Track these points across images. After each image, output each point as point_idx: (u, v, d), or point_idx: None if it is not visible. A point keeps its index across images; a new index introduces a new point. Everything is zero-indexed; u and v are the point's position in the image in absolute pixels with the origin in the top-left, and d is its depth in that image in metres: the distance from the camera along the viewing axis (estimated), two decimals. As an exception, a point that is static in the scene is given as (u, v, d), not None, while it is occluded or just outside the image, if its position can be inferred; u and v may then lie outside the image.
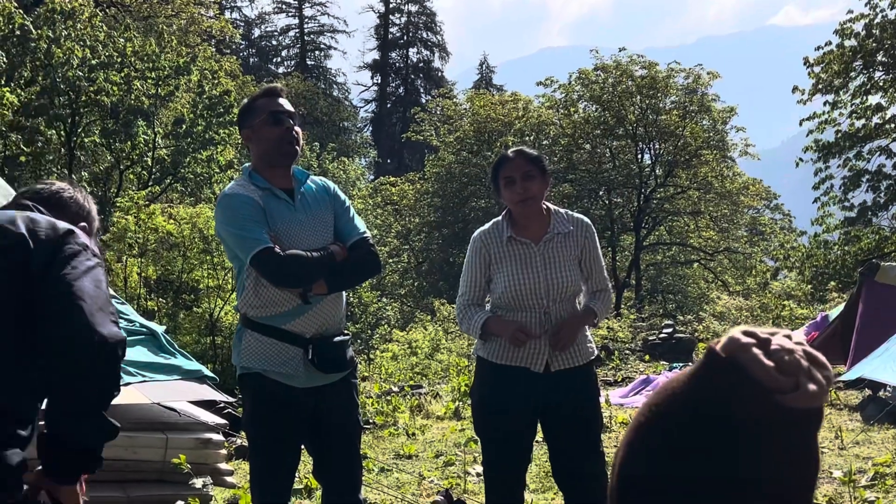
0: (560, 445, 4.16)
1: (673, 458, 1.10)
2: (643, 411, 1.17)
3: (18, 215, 2.57)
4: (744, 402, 1.08)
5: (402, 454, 7.92)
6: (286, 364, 3.74)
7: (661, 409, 1.13)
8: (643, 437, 1.14)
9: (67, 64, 21.87)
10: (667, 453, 1.10)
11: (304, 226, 3.79)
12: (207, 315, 18.09)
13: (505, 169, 4.09)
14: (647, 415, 1.14)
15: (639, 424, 1.15)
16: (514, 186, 4.05)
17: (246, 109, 3.90)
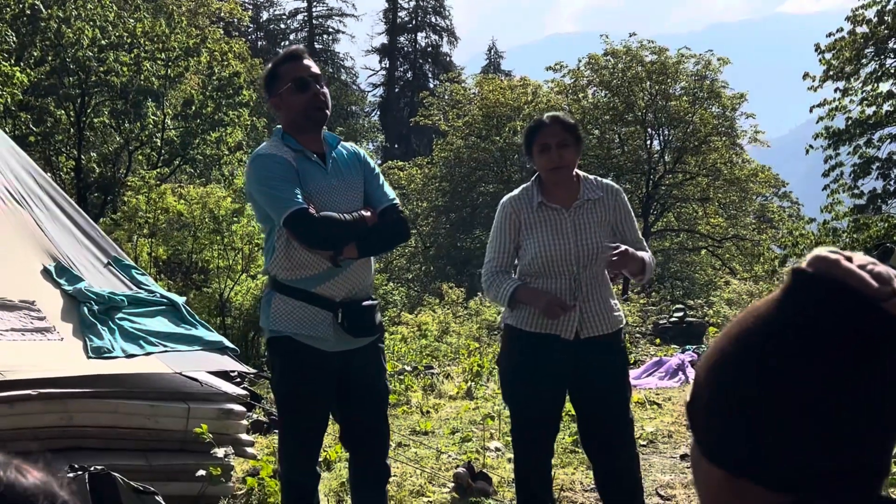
0: (589, 412, 4.16)
1: (778, 380, 1.07)
2: (730, 336, 1.15)
3: None
4: (846, 317, 1.06)
5: (419, 430, 7.93)
6: (316, 327, 3.74)
7: (752, 335, 1.11)
8: (732, 363, 1.11)
9: (77, 44, 21.84)
10: (772, 375, 1.07)
11: (335, 190, 3.78)
12: (217, 295, 18.09)
13: (541, 135, 4.07)
14: (737, 339, 1.13)
15: (723, 352, 1.14)
16: (550, 153, 4.02)
17: (270, 77, 3.86)
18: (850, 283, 1.07)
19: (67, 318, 5.42)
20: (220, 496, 5.54)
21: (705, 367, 1.16)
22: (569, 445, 6.85)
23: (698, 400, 1.15)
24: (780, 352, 1.07)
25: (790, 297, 1.11)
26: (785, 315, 1.10)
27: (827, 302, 1.07)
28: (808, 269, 1.10)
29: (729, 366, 1.11)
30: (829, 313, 1.07)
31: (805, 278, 1.10)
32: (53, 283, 5.63)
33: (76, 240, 6.19)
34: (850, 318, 1.06)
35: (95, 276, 5.93)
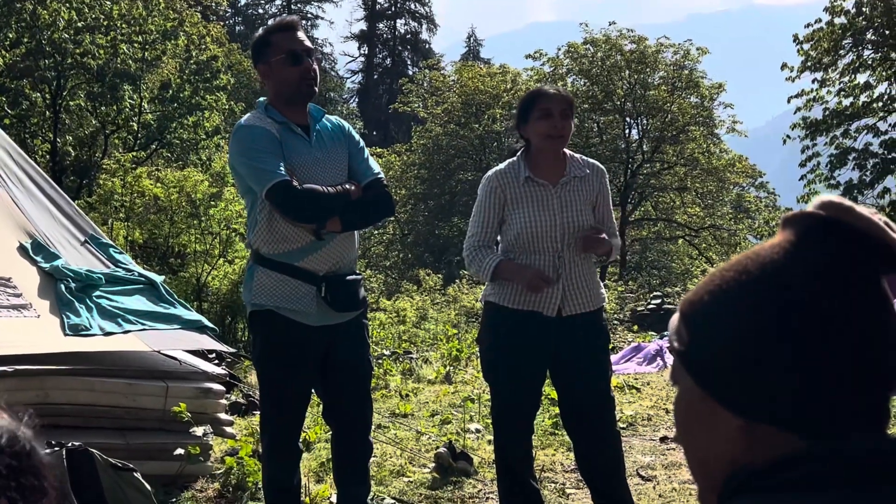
0: (570, 389, 4.13)
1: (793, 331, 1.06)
2: (727, 278, 1.13)
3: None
4: (866, 263, 1.06)
5: (398, 413, 7.90)
6: (299, 301, 3.70)
7: (764, 283, 1.09)
8: (746, 315, 1.09)
9: (53, 26, 21.62)
10: (796, 324, 1.06)
11: (319, 163, 3.74)
12: (194, 280, 17.97)
13: (543, 101, 4.00)
14: (747, 290, 1.10)
15: (728, 304, 1.11)
16: (552, 120, 3.96)
17: (261, 44, 3.81)
18: (865, 230, 1.06)
19: (44, 295, 5.34)
20: (198, 475, 5.49)
21: (705, 321, 1.13)
22: (549, 428, 6.85)
23: (713, 347, 1.11)
24: (801, 301, 1.06)
25: (802, 242, 1.09)
26: (798, 262, 1.08)
27: (845, 248, 1.07)
28: (821, 212, 1.09)
29: (742, 318, 1.09)
30: (847, 259, 1.06)
31: (819, 223, 1.09)
32: (30, 259, 5.55)
33: (53, 217, 6.11)
34: (869, 264, 1.06)
35: (72, 253, 5.85)
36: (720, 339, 1.11)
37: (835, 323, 1.05)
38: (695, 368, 1.13)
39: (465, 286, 20.51)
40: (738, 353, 1.09)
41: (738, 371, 1.09)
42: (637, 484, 5.46)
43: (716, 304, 1.12)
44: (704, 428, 1.13)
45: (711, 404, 1.11)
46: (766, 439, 1.08)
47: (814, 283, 1.06)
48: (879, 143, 24.27)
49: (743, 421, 1.09)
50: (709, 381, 1.11)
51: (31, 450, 1.20)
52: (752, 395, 1.08)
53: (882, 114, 24.23)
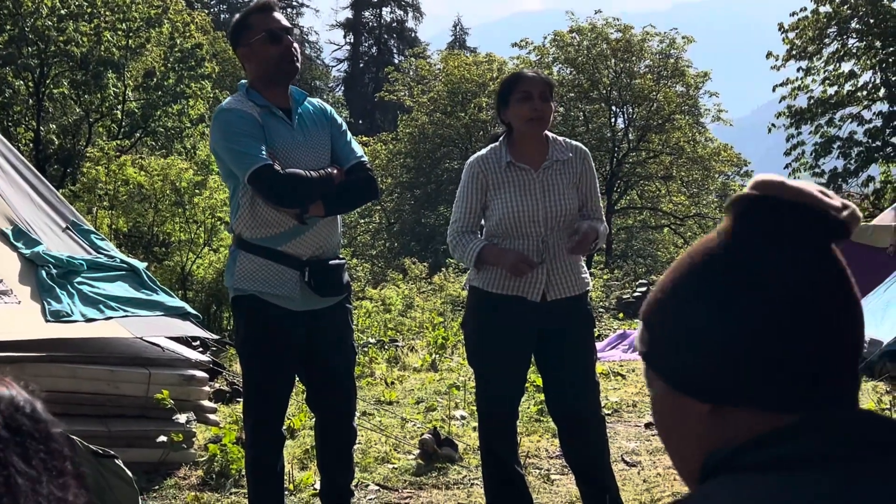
0: (555, 374, 4.12)
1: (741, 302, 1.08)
2: (676, 273, 1.16)
3: None
4: (799, 232, 1.08)
5: (383, 401, 7.89)
6: (282, 286, 3.67)
7: (712, 268, 1.11)
8: (688, 293, 1.12)
9: (36, 13, 21.48)
10: (751, 297, 1.08)
11: (301, 146, 3.70)
12: (179, 269, 17.92)
13: (523, 84, 3.98)
14: (699, 275, 1.12)
15: (675, 284, 1.14)
16: (532, 102, 3.93)
17: (240, 26, 3.77)
18: (798, 201, 1.08)
19: (25, 281, 5.30)
20: (181, 463, 5.47)
21: (661, 317, 1.16)
22: (534, 414, 6.85)
23: (670, 340, 1.14)
24: (746, 279, 1.08)
25: (741, 223, 1.11)
26: (739, 242, 1.10)
27: (780, 221, 1.08)
28: (755, 192, 1.11)
29: (693, 305, 1.11)
30: (785, 231, 1.08)
31: (753, 202, 1.10)
32: (10, 246, 5.51)
33: (34, 203, 6.06)
34: (809, 233, 1.07)
35: (53, 240, 5.81)
36: (675, 330, 1.13)
37: (782, 295, 1.06)
38: (657, 364, 1.16)
39: (451, 274, 20.49)
40: (693, 339, 1.11)
41: (694, 356, 1.11)
42: (622, 469, 5.46)
43: (668, 298, 1.15)
44: (678, 423, 1.15)
45: (679, 397, 1.13)
46: (734, 422, 1.09)
47: (755, 259, 1.08)
48: (864, 132, 24.37)
49: (709, 406, 1.10)
50: (670, 373, 1.14)
51: (51, 421, 1.25)
52: (709, 376, 1.09)
53: (866, 102, 24.33)
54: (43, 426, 1.22)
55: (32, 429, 1.19)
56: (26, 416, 1.20)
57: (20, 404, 1.21)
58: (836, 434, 1.04)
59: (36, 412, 1.22)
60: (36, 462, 1.17)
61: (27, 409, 1.21)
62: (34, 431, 1.20)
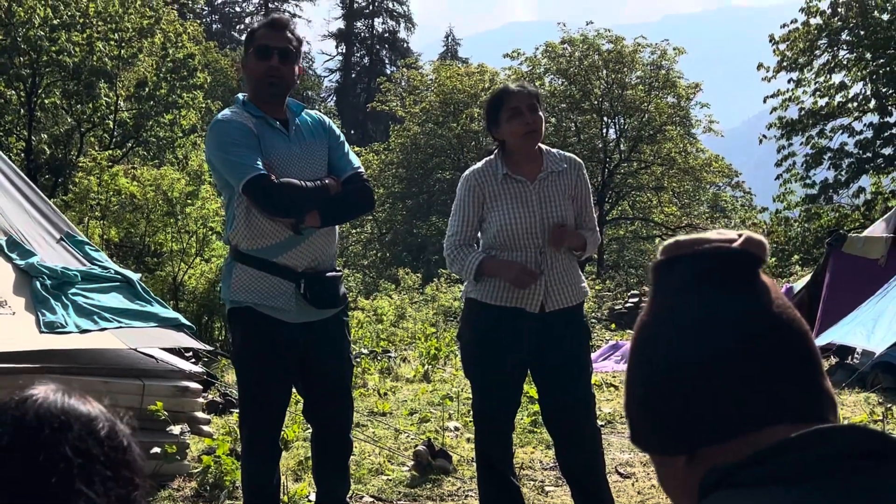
0: (551, 384, 4.12)
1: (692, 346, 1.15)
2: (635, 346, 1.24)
3: None
4: (710, 273, 1.17)
5: (376, 412, 7.88)
6: (278, 298, 3.67)
7: (639, 336, 1.22)
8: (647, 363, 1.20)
9: (29, 23, 21.43)
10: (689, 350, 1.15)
11: (298, 157, 3.71)
12: (171, 279, 17.87)
13: (510, 100, 4.00)
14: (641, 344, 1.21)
15: (634, 359, 1.23)
16: (523, 117, 3.96)
17: (247, 37, 3.82)
18: (697, 249, 1.19)
19: (19, 292, 5.29)
20: (175, 474, 5.45)
21: (626, 398, 1.25)
22: (528, 426, 6.85)
23: (635, 413, 1.22)
24: (673, 332, 1.17)
25: (661, 286, 1.21)
26: (660, 302, 1.20)
27: (688, 270, 1.18)
28: (662, 257, 1.22)
29: (639, 373, 1.20)
30: (694, 275, 1.17)
31: (663, 264, 1.22)
32: (5, 257, 5.50)
33: (28, 215, 6.05)
34: (716, 270, 1.17)
35: (48, 251, 5.80)
36: (634, 402, 1.21)
37: (715, 330, 1.14)
38: (640, 442, 1.24)
39: (443, 285, 20.49)
40: (644, 402, 1.19)
41: (649, 417, 1.19)
42: (616, 481, 5.47)
43: (627, 380, 1.24)
44: (675, 484, 1.20)
45: (664, 462, 1.20)
46: (715, 459, 1.13)
47: (678, 311, 1.17)
48: (854, 143, 24.44)
49: (684, 457, 1.16)
50: (646, 444, 1.22)
51: (129, 445, 1.26)
52: (668, 431, 1.16)
53: (857, 114, 24.41)
54: (116, 451, 1.22)
55: (101, 453, 1.20)
56: (98, 440, 1.20)
57: (95, 426, 1.21)
58: (830, 447, 1.06)
59: (112, 434, 1.22)
60: (98, 487, 1.19)
61: (102, 432, 1.21)
62: (103, 456, 1.20)
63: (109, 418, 1.26)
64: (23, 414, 1.22)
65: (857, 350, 9.41)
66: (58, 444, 1.20)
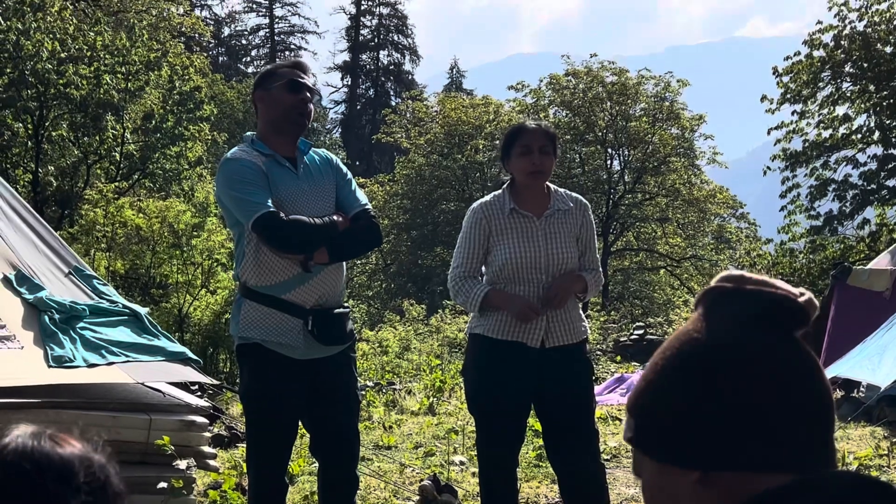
0: (555, 420, 4.15)
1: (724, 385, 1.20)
2: (657, 362, 1.28)
3: None
4: (769, 317, 1.21)
5: (381, 445, 7.88)
6: (285, 335, 3.70)
7: (695, 353, 1.24)
8: (677, 379, 1.24)
9: (37, 56, 21.57)
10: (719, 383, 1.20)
11: (306, 195, 3.75)
12: (176, 311, 17.91)
13: (523, 138, 4.06)
14: (682, 361, 1.25)
15: (671, 375, 1.26)
16: (531, 156, 4.02)
17: (268, 74, 3.87)
18: (764, 290, 1.23)
19: (28, 326, 5.32)
20: (181, 509, 5.45)
21: (646, 401, 1.27)
22: (533, 460, 6.84)
23: (657, 418, 1.25)
24: (722, 357, 1.21)
25: (720, 311, 1.25)
26: (713, 327, 1.24)
27: (746, 307, 1.23)
28: (726, 284, 1.26)
29: (676, 384, 1.24)
30: (752, 316, 1.22)
31: (723, 293, 1.26)
32: (13, 291, 5.53)
33: (37, 249, 6.09)
34: (775, 316, 1.22)
35: (56, 285, 5.83)
36: (662, 408, 1.24)
37: (759, 372, 1.19)
38: (645, 444, 1.26)
39: (447, 316, 20.49)
40: (680, 414, 1.22)
41: (681, 429, 1.21)
42: (622, 516, 5.46)
43: (654, 382, 1.27)
44: (669, 497, 1.24)
45: (668, 473, 1.23)
46: (726, 485, 1.18)
47: (732, 342, 1.21)
48: (859, 175, 24.48)
49: (698, 473, 1.19)
50: (658, 449, 1.24)
51: (107, 480, 1.24)
52: (698, 446, 1.20)
53: (861, 145, 24.46)
54: (95, 493, 1.19)
55: (80, 501, 1.18)
56: (76, 487, 1.17)
57: (72, 472, 1.18)
58: (830, 494, 1.11)
59: (90, 476, 1.19)
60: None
61: (80, 477, 1.18)
62: (83, 500, 1.18)
63: (84, 456, 1.23)
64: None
65: (863, 383, 9.40)
66: (34, 498, 1.16)
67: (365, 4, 56.22)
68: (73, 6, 27.01)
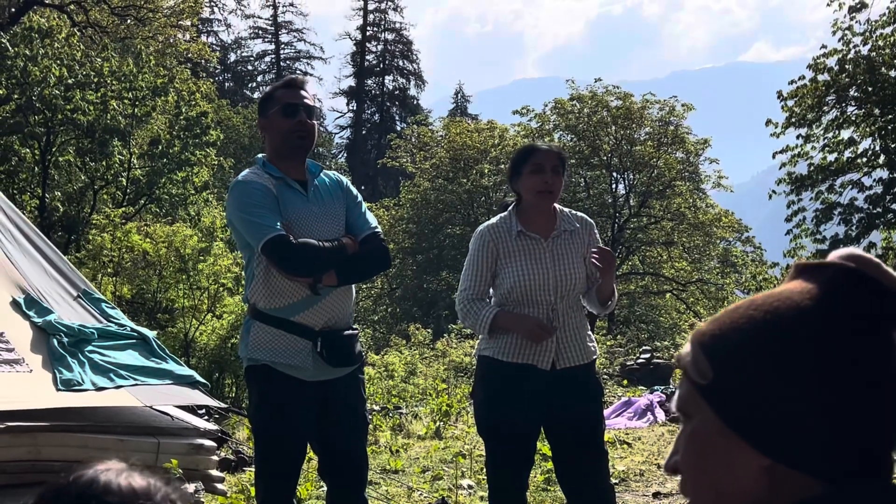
0: (564, 442, 4.13)
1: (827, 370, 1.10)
2: (756, 318, 1.15)
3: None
4: (888, 316, 1.11)
5: (389, 469, 7.86)
6: (294, 356, 3.71)
7: (798, 327, 1.12)
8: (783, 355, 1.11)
9: (44, 82, 21.72)
10: (831, 364, 1.10)
11: (316, 217, 3.77)
12: (182, 335, 17.92)
13: (536, 156, 4.07)
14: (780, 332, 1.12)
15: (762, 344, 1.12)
16: (543, 175, 4.02)
17: (265, 99, 3.90)
18: (884, 283, 1.12)
19: (37, 350, 5.34)
20: (189, 533, 5.44)
21: (735, 357, 1.14)
22: (541, 483, 6.82)
23: (746, 388, 1.12)
24: (838, 347, 1.10)
25: (833, 291, 1.13)
26: (832, 310, 1.12)
27: (874, 301, 1.12)
28: (851, 264, 1.13)
29: (779, 360, 1.11)
30: (876, 312, 1.11)
31: (848, 274, 1.13)
32: (23, 314, 5.55)
33: (46, 272, 6.11)
34: (887, 312, 1.12)
35: (65, 308, 5.86)
36: (754, 377, 1.11)
37: (867, 371, 1.09)
38: (722, 404, 1.13)
39: (453, 340, 20.47)
40: (774, 394, 1.10)
41: (773, 412, 1.10)
42: (631, 540, 5.44)
43: (747, 341, 1.13)
44: (722, 464, 1.14)
45: (734, 441, 1.12)
46: (787, 481, 1.10)
47: (849, 332, 1.10)
48: (864, 198, 24.46)
49: (769, 461, 1.10)
50: (738, 419, 1.12)
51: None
52: (784, 436, 1.10)
53: (866, 169, 24.45)
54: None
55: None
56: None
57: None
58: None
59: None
60: None
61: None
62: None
63: (146, 493, 1.28)
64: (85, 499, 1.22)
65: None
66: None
67: (370, 30, 56.56)
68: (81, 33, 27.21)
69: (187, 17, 33.79)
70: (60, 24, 23.08)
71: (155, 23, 32.59)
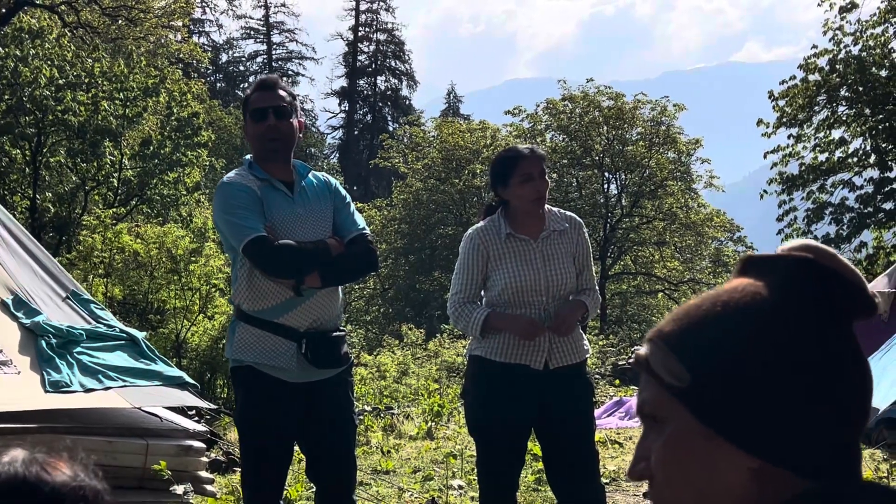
0: (555, 441, 4.14)
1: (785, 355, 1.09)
2: (719, 313, 1.12)
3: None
4: (846, 307, 1.12)
5: (379, 470, 7.85)
6: (279, 357, 3.70)
7: (766, 317, 1.10)
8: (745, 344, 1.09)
9: (34, 83, 21.65)
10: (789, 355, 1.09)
11: (301, 219, 3.76)
12: (174, 336, 17.87)
13: (523, 165, 4.05)
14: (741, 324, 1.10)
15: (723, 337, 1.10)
16: (534, 184, 4.03)
17: (242, 104, 3.91)
18: (851, 277, 1.12)
19: (25, 351, 5.32)
20: (178, 535, 5.43)
21: (709, 355, 1.10)
22: (532, 484, 6.82)
23: (716, 387, 1.09)
24: (810, 337, 1.09)
25: (794, 284, 1.11)
26: (792, 301, 1.11)
27: (836, 292, 1.11)
28: (808, 255, 1.12)
29: (757, 354, 1.08)
30: (836, 302, 1.11)
31: (806, 265, 1.12)
32: (10, 316, 5.53)
33: (34, 273, 6.09)
34: (855, 308, 1.12)
35: (54, 309, 5.84)
36: (734, 378, 1.08)
37: (836, 362, 1.09)
38: (703, 407, 1.09)
39: (446, 341, 20.47)
40: (756, 394, 1.07)
41: (757, 411, 1.07)
42: (621, 540, 5.44)
43: (721, 341, 1.10)
44: (705, 468, 1.10)
45: (717, 443, 1.09)
46: (773, 480, 1.08)
47: (816, 323, 1.10)
48: (855, 198, 24.53)
49: (759, 462, 1.07)
50: (722, 421, 1.08)
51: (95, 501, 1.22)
52: (769, 435, 1.07)
53: (857, 169, 24.52)
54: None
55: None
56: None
57: (87, 500, 1.15)
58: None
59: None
60: None
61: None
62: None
63: (78, 485, 1.20)
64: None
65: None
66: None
67: (362, 31, 56.51)
68: (72, 33, 27.14)
69: (178, 18, 33.74)
70: (51, 25, 22.99)
71: (146, 23, 32.51)
